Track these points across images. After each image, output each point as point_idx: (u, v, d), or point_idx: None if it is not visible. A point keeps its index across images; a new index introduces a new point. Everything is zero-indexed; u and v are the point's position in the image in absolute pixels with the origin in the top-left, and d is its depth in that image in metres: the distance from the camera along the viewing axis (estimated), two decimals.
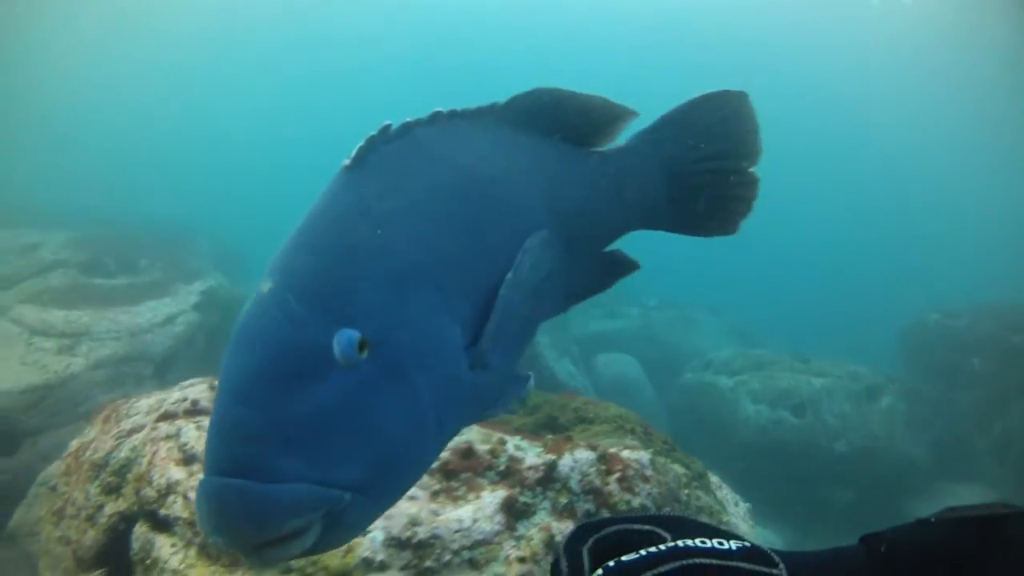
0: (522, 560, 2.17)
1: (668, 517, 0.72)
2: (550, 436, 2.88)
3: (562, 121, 1.51)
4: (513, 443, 2.57)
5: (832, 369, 8.22)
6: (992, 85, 16.80)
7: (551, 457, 2.57)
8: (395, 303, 1.01)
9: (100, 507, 2.65)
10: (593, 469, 2.62)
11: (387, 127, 1.17)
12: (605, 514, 2.65)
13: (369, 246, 1.05)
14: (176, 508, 2.19)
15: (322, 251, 1.03)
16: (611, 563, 0.65)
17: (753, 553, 0.65)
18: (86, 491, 2.72)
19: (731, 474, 3.98)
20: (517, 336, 1.30)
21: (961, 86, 19.20)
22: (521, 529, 2.30)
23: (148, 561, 2.26)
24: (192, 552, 2.13)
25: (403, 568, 1.95)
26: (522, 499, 2.37)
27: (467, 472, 2.34)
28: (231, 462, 0.84)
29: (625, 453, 2.77)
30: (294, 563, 1.97)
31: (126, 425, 2.72)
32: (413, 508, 2.06)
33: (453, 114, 1.30)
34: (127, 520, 2.50)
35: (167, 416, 2.55)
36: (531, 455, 2.55)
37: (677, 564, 0.63)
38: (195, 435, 2.34)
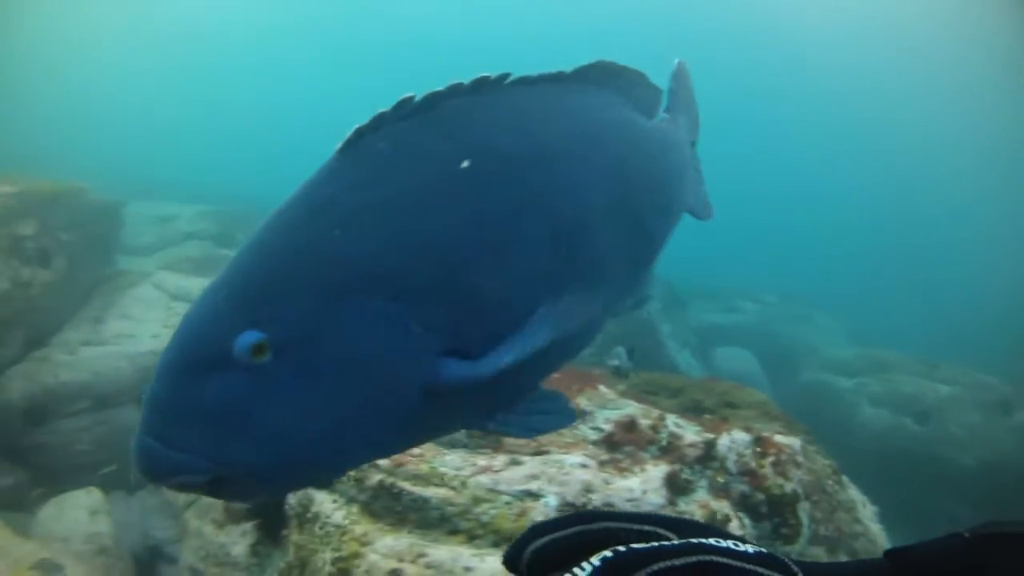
0: None
1: (668, 518, 0.65)
2: (707, 416, 2.82)
3: (627, 92, 1.45)
4: (672, 420, 2.52)
5: (961, 377, 7.86)
6: None
7: (710, 436, 2.51)
8: (321, 311, 0.99)
9: None
10: (749, 451, 2.57)
11: (408, 99, 1.07)
12: (759, 496, 2.60)
13: (314, 249, 1.01)
14: None
15: (264, 249, 1.03)
16: (621, 548, 0.58)
17: (771, 559, 0.60)
18: None
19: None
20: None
21: None
22: (681, 505, 2.26)
23: (308, 515, 2.27)
24: (355, 509, 2.13)
25: None
26: (683, 475, 2.32)
27: (630, 445, 2.30)
28: (146, 425, 0.95)
29: (778, 438, 2.71)
30: (462, 523, 1.96)
31: None
32: (587, 475, 2.02)
33: (503, 81, 1.17)
34: None
35: None
36: (690, 433, 2.50)
37: (693, 559, 0.58)
38: None
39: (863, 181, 26.87)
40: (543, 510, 1.93)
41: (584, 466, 2.05)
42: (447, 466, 2.08)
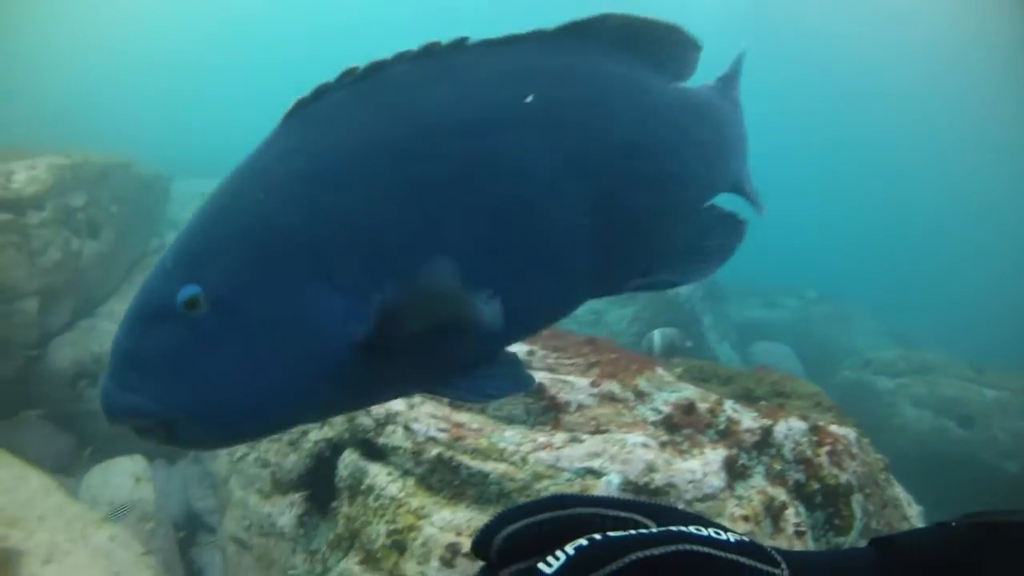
0: (745, 519, 2.10)
1: (646, 504, 0.64)
2: (762, 403, 2.78)
3: (643, 49, 1.34)
4: (730, 405, 2.49)
5: (1009, 382, 7.70)
6: None
7: (767, 422, 2.48)
8: (251, 272, 1.05)
9: (304, 433, 2.68)
10: (805, 439, 2.54)
11: (353, 69, 1.09)
12: (815, 486, 2.57)
13: (246, 215, 1.08)
14: (396, 438, 2.18)
15: (208, 213, 1.10)
16: (596, 536, 0.57)
17: (753, 548, 0.59)
18: None
19: None
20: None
21: None
22: (740, 490, 2.23)
23: (361, 487, 2.25)
24: (411, 482, 2.11)
25: None
26: (741, 460, 2.29)
27: (689, 428, 2.27)
28: (108, 368, 1.06)
29: (834, 427, 2.67)
30: (522, 499, 1.94)
31: None
32: (649, 455, 2.00)
33: (461, 45, 1.15)
34: (334, 447, 2.52)
35: None
36: (747, 418, 2.47)
37: (671, 548, 0.56)
38: None
39: (917, 182, 26.60)
40: (605, 488, 1.90)
41: (646, 446, 2.02)
42: (506, 441, 2.06)
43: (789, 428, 2.51)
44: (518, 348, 2.51)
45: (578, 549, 0.56)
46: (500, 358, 1.22)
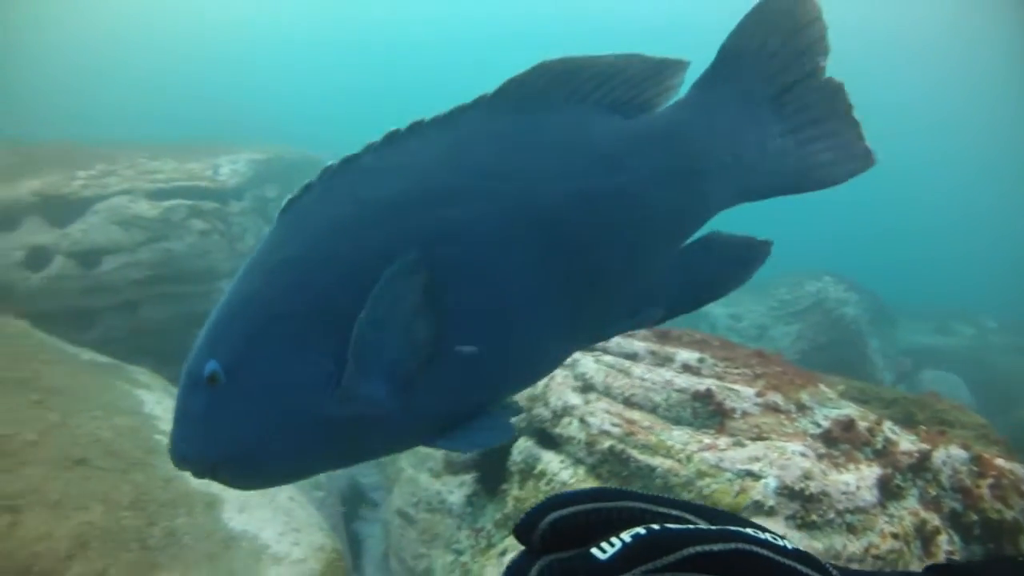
0: (895, 536, 2.21)
1: (699, 505, 0.62)
2: (922, 427, 2.86)
3: (582, 93, 1.34)
4: (888, 426, 2.60)
5: None
6: None
7: (925, 447, 2.57)
8: (254, 342, 1.25)
9: None
10: (965, 468, 2.60)
11: (330, 167, 1.25)
12: (973, 517, 2.62)
13: (250, 295, 1.25)
14: (571, 429, 2.41)
15: (226, 297, 1.27)
16: (655, 526, 0.55)
17: (808, 558, 0.57)
18: None
19: None
20: (447, 370, 1.28)
21: None
22: (892, 508, 2.33)
23: (534, 472, 2.49)
24: (582, 470, 2.34)
25: (789, 517, 2.06)
26: (896, 481, 2.40)
27: (847, 443, 2.40)
28: (173, 421, 1.28)
29: (999, 461, 2.72)
30: (684, 493, 2.13)
31: None
32: (807, 463, 2.15)
33: (415, 127, 1.27)
34: None
35: None
36: (906, 441, 2.57)
37: (732, 546, 0.54)
38: (593, 367, 2.55)
39: None
40: (762, 490, 2.07)
41: (804, 455, 2.18)
42: (674, 440, 2.26)
43: (948, 455, 2.59)
44: (688, 355, 2.71)
45: (636, 537, 0.55)
46: (491, 411, 1.32)
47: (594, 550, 0.56)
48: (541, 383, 2.62)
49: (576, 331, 1.36)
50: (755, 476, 2.11)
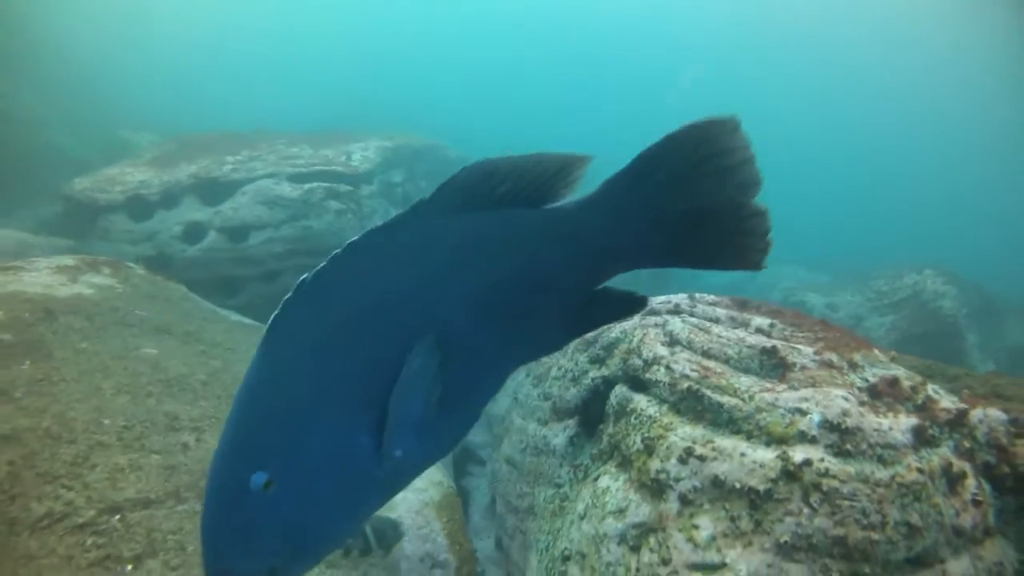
0: (920, 471, 2.63)
1: None
2: (966, 390, 3.30)
3: (499, 191, 1.61)
4: (932, 387, 3.05)
5: None
6: None
7: (964, 406, 3.00)
8: (293, 441, 1.39)
9: (585, 372, 3.54)
10: (1003, 427, 2.91)
11: (303, 280, 1.45)
12: (1005, 470, 2.97)
13: (272, 403, 1.41)
14: (659, 374, 2.96)
15: (245, 415, 1.42)
16: None
17: None
18: (575, 359, 3.63)
19: None
20: (444, 416, 1.56)
21: None
22: (923, 452, 2.73)
23: (626, 411, 3.06)
24: (665, 407, 2.89)
25: (828, 446, 2.57)
26: (931, 431, 2.85)
27: (889, 397, 2.88)
28: (207, 554, 1.39)
29: None
30: (744, 425, 2.66)
31: None
32: (846, 404, 2.66)
33: (370, 236, 1.50)
34: (607, 382, 3.35)
35: (653, 312, 3.36)
36: (946, 400, 3.01)
37: None
38: (680, 326, 3.10)
39: None
40: (807, 423, 2.60)
41: (846, 399, 2.69)
42: (740, 384, 2.81)
43: (986, 415, 2.91)
44: (762, 320, 3.23)
45: None
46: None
47: None
48: (636, 338, 3.19)
49: (517, 362, 1.76)
50: (802, 412, 2.64)
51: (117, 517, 3.11)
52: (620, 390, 3.18)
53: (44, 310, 4.44)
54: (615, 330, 3.44)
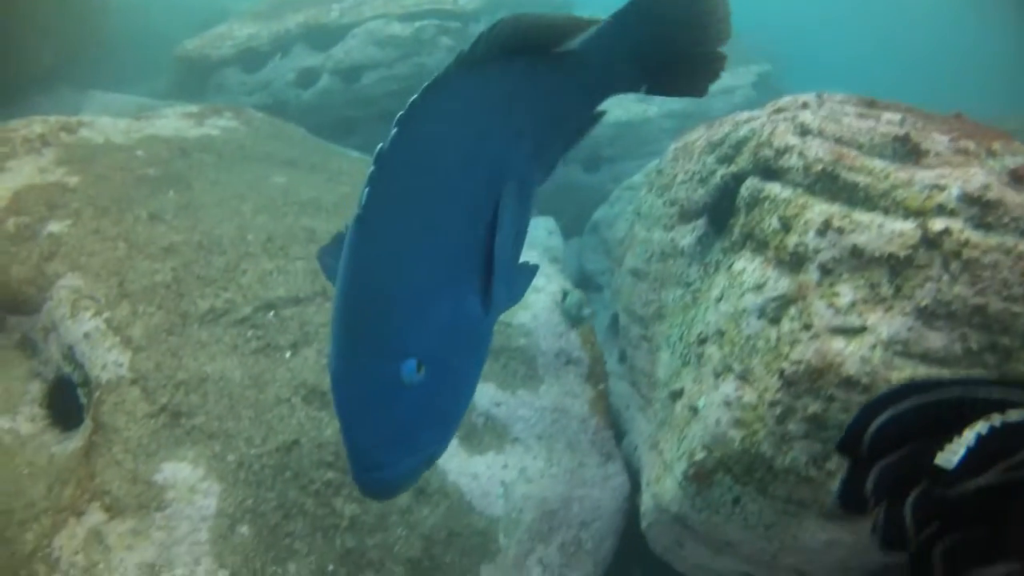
0: None
1: (1019, 381, 0.57)
2: None
3: (528, 41, 1.62)
4: None
5: None
6: None
7: None
8: (425, 320, 1.36)
9: (713, 171, 3.61)
10: None
11: (400, 118, 1.42)
12: None
13: (391, 285, 1.38)
14: (791, 161, 3.00)
15: (364, 304, 1.37)
16: (996, 422, 0.53)
17: None
18: (701, 162, 3.70)
19: None
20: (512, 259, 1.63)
21: None
22: None
23: (759, 199, 3.12)
24: (799, 190, 2.94)
25: (968, 219, 2.60)
26: None
27: None
28: (363, 464, 1.32)
29: None
30: (881, 202, 2.71)
31: (742, 118, 3.63)
32: (988, 180, 2.64)
33: (427, 95, 1.45)
34: (736, 179, 3.41)
35: (780, 109, 3.39)
36: None
37: None
38: (810, 117, 3.13)
39: None
40: (946, 196, 2.62)
41: (987, 176, 2.71)
42: (875, 165, 2.85)
43: None
44: (892, 115, 3.24)
45: (980, 438, 0.48)
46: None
47: (940, 459, 0.53)
48: (766, 132, 3.23)
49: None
50: (940, 188, 2.67)
51: (272, 313, 3.38)
52: (751, 182, 3.23)
53: (179, 148, 4.68)
54: (743, 128, 3.48)
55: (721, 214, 3.54)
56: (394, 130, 1.42)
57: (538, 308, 3.85)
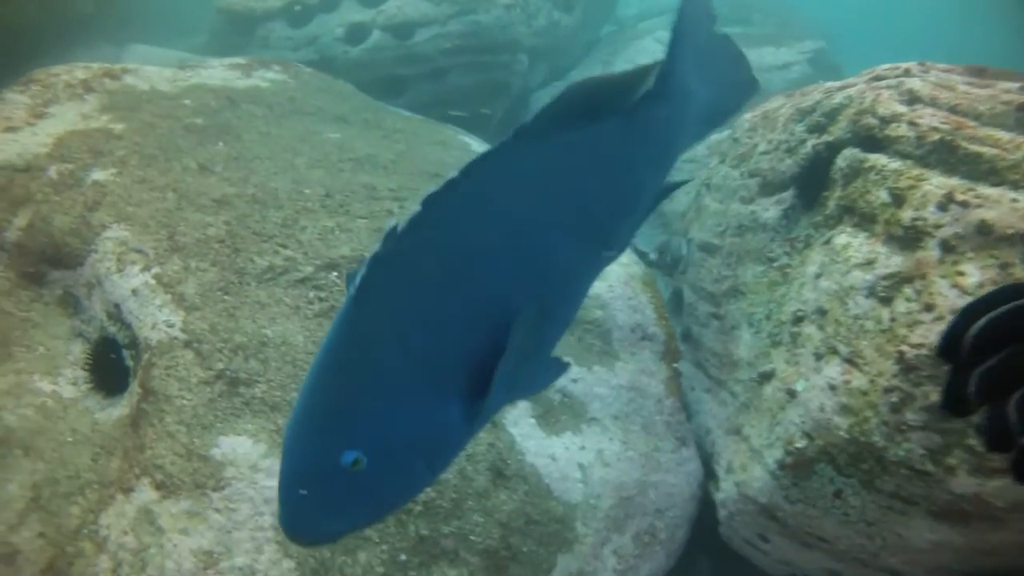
0: None
1: None
2: None
3: (588, 108, 1.51)
4: None
5: None
6: None
7: None
8: (383, 416, 1.32)
9: (803, 141, 3.37)
10: None
11: (391, 233, 1.32)
12: None
13: (360, 374, 1.33)
14: (900, 130, 2.75)
15: (330, 384, 1.35)
16: None
17: None
18: (788, 131, 3.46)
19: None
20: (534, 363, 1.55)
21: None
22: None
23: (861, 169, 2.88)
24: (910, 162, 2.71)
25: None
26: None
27: None
28: (287, 516, 1.32)
29: None
30: (1009, 175, 2.48)
31: (834, 85, 3.39)
32: None
33: (467, 172, 1.36)
34: (831, 148, 3.17)
35: (879, 78, 3.15)
36: None
37: None
38: (918, 84, 2.90)
39: None
40: None
41: None
42: (1000, 135, 2.62)
43: None
44: (1008, 84, 3.00)
45: None
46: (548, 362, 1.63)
47: None
48: (868, 99, 3.00)
49: (597, 271, 1.76)
50: None
51: (335, 273, 3.17)
52: (850, 152, 3.00)
53: (227, 98, 4.50)
54: (837, 96, 3.24)
55: (811, 186, 3.30)
56: (418, 208, 1.33)
57: (613, 279, 3.63)
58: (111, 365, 3.06)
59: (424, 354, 1.36)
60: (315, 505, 1.30)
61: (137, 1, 8.25)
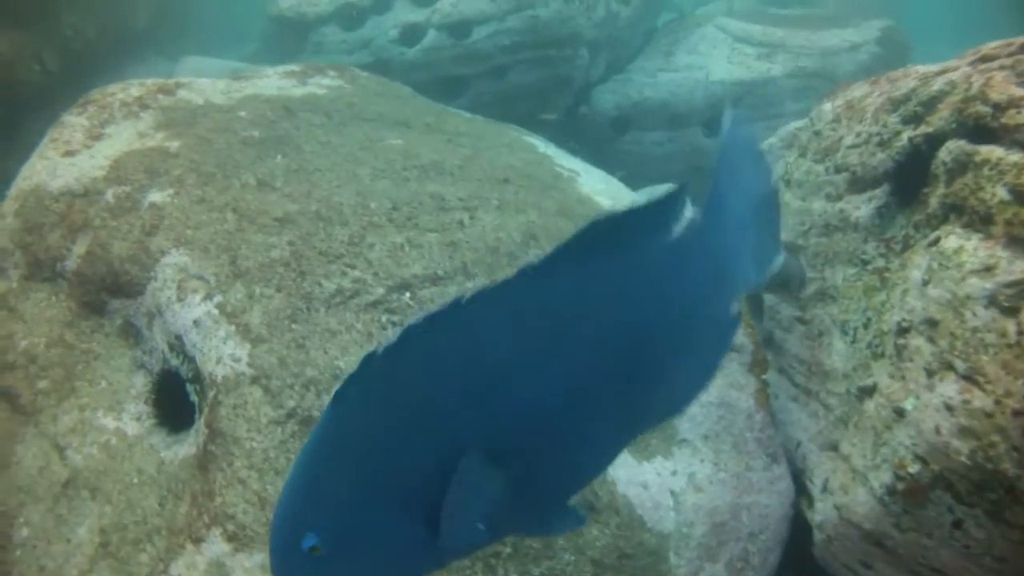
0: None
1: None
2: None
3: (620, 238, 1.36)
4: None
5: None
6: None
7: None
8: (346, 514, 1.34)
9: (897, 133, 3.11)
10: None
11: (370, 357, 1.29)
12: None
13: (333, 470, 1.35)
14: (1020, 117, 2.51)
15: (308, 473, 1.38)
16: None
17: None
18: (880, 122, 3.21)
19: None
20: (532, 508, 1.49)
21: None
22: None
23: (970, 164, 2.63)
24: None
25: None
26: None
27: None
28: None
29: None
30: None
31: (930, 70, 3.13)
32: None
33: (449, 311, 1.29)
34: (930, 141, 2.92)
35: (990, 57, 2.87)
36: None
37: None
38: None
39: None
40: None
41: None
42: None
43: None
44: None
45: None
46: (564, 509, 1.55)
47: None
48: (975, 85, 2.73)
49: (631, 432, 1.59)
50: None
51: (408, 294, 2.99)
52: (954, 144, 2.74)
53: (283, 108, 4.35)
54: (936, 82, 2.97)
55: (908, 182, 3.06)
56: (399, 332, 1.27)
57: None
58: (175, 398, 2.91)
59: (389, 469, 1.36)
60: (288, 569, 1.39)
61: (188, 12, 8.24)
